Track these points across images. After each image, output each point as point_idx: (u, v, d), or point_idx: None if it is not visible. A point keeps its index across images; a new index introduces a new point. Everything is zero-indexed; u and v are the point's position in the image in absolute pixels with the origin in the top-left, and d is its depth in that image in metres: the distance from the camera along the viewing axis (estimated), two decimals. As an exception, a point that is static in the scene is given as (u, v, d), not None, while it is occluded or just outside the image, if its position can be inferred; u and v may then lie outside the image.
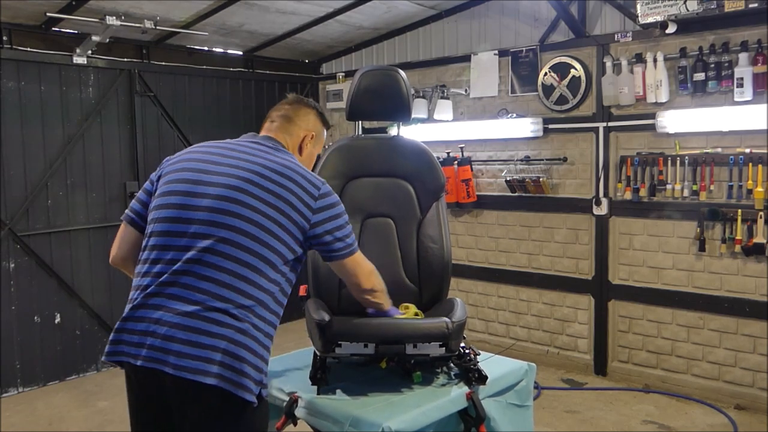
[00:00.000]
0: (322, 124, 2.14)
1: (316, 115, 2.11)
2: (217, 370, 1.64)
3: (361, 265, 2.00)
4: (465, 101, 5.19)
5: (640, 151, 4.28)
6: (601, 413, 3.98)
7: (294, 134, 2.04)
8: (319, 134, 2.12)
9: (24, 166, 4.52)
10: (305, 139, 2.06)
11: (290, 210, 1.78)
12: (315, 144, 2.11)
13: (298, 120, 2.05)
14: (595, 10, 4.51)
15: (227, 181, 1.78)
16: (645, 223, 4.32)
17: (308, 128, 2.07)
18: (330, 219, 1.86)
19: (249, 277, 1.71)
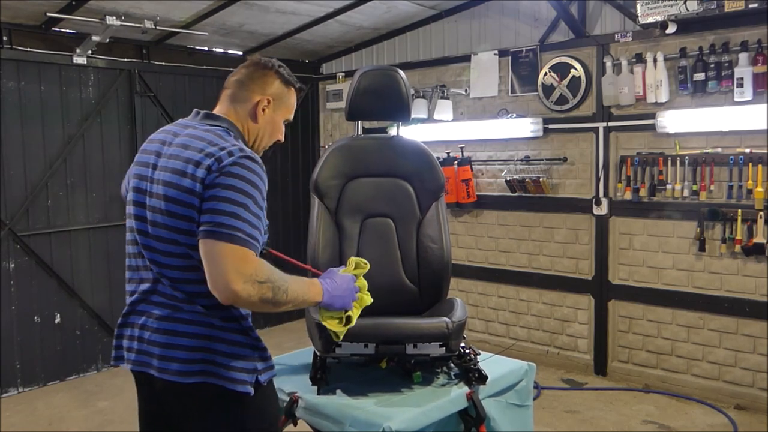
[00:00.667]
0: (284, 85, 1.87)
1: (274, 76, 1.86)
2: (199, 367, 1.65)
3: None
4: (465, 101, 5.19)
5: (640, 151, 4.28)
6: (601, 413, 3.98)
7: (246, 100, 1.82)
8: (281, 97, 1.86)
9: (24, 166, 4.52)
10: (259, 105, 1.82)
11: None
12: (276, 109, 1.86)
13: (252, 84, 1.83)
14: (595, 10, 4.51)
15: (156, 189, 1.69)
16: (645, 223, 4.32)
17: (264, 92, 1.83)
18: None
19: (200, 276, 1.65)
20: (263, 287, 1.56)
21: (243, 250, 1.56)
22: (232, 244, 1.56)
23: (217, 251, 1.56)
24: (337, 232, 2.55)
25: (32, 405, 4.30)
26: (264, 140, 1.88)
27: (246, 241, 1.57)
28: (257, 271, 1.56)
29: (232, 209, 1.58)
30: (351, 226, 2.56)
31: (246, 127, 1.83)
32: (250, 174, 1.63)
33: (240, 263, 1.55)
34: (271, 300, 1.59)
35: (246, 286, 1.54)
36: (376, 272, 2.47)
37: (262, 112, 1.83)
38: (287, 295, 1.62)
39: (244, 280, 1.54)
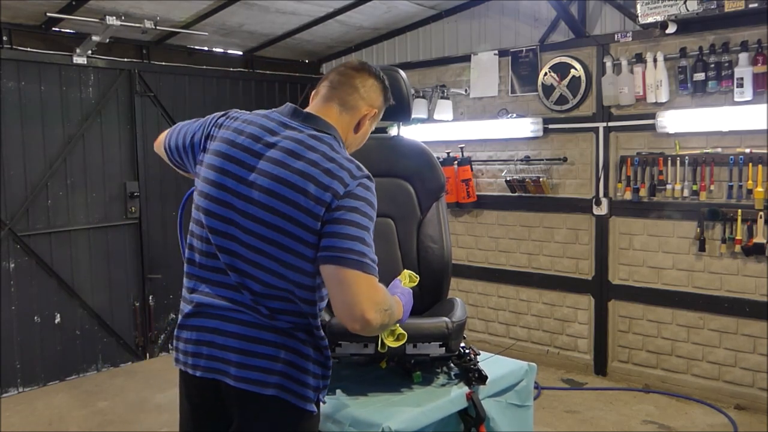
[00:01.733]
0: (385, 100, 1.82)
1: (381, 90, 1.79)
2: (277, 380, 1.60)
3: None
4: (465, 101, 5.19)
5: (640, 151, 4.28)
6: (601, 413, 3.98)
7: (355, 108, 1.73)
8: (380, 112, 1.83)
9: (24, 166, 4.52)
10: (366, 117, 1.76)
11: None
12: (373, 123, 1.82)
13: (364, 92, 1.74)
14: (595, 10, 4.51)
15: (258, 197, 1.58)
16: (645, 223, 4.32)
17: (372, 104, 1.76)
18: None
19: (289, 296, 1.64)
20: (385, 315, 1.57)
21: (372, 279, 1.54)
22: (363, 272, 1.52)
23: (349, 278, 1.51)
24: (337, 232, 2.55)
25: (32, 405, 4.30)
26: (352, 149, 1.79)
27: (373, 268, 1.55)
28: (384, 299, 1.58)
29: (359, 234, 1.54)
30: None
31: (346, 134, 1.74)
32: (372, 196, 1.60)
33: (372, 292, 1.53)
34: (386, 325, 1.62)
35: (377, 315, 1.53)
36: (376, 272, 2.48)
37: (364, 124, 1.78)
38: (391, 319, 1.64)
39: (376, 309, 1.52)
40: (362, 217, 1.56)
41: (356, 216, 1.55)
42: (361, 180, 1.59)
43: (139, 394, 4.44)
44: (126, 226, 5.07)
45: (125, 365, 5.09)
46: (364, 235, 1.54)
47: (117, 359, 5.06)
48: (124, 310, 5.09)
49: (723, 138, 3.94)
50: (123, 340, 5.08)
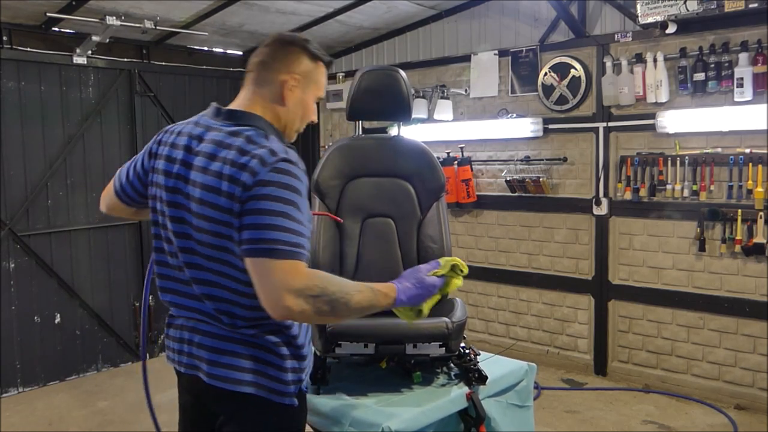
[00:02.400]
0: (311, 60, 1.69)
1: (300, 51, 1.68)
2: (251, 378, 1.59)
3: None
4: (465, 101, 5.19)
5: (640, 151, 4.28)
6: (601, 413, 3.98)
7: (271, 81, 1.66)
8: (309, 74, 1.70)
9: (24, 166, 4.52)
10: (285, 85, 1.65)
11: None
12: (305, 88, 1.69)
13: (276, 63, 1.66)
14: (595, 10, 4.51)
15: (195, 207, 1.58)
16: (645, 223, 4.32)
17: (290, 70, 1.66)
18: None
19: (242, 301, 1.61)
20: (318, 301, 1.46)
21: (290, 263, 1.46)
22: (277, 258, 1.45)
23: (264, 268, 1.46)
24: (337, 232, 2.55)
25: (32, 405, 4.30)
26: (296, 124, 1.73)
27: (291, 252, 1.46)
28: (309, 284, 1.46)
29: (272, 221, 1.47)
30: (351, 226, 2.56)
31: (275, 112, 1.67)
32: (288, 177, 1.51)
33: (289, 277, 1.45)
34: (330, 312, 1.50)
35: (298, 301, 1.44)
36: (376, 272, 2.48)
37: (290, 92, 1.66)
38: (349, 307, 1.52)
39: (296, 294, 1.44)
40: (274, 202, 1.48)
41: (267, 203, 1.48)
42: (274, 165, 1.50)
43: (139, 394, 4.44)
44: (126, 226, 5.07)
45: (125, 365, 5.09)
46: (279, 221, 1.47)
47: (117, 359, 5.06)
48: (124, 310, 5.09)
49: (723, 138, 3.94)
50: (123, 340, 5.08)
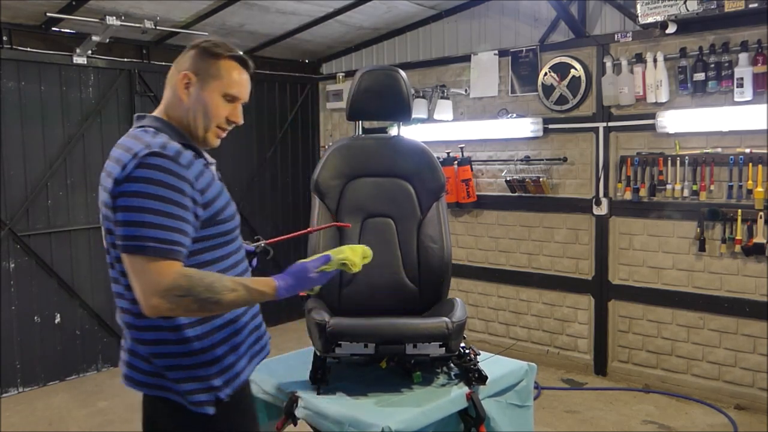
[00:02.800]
0: (208, 56, 1.65)
1: (193, 50, 1.67)
2: (155, 381, 1.60)
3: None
4: (465, 101, 5.19)
5: (640, 151, 4.28)
6: (601, 413, 3.98)
7: (171, 83, 1.68)
8: (207, 70, 1.65)
9: (24, 166, 4.52)
10: (179, 83, 1.64)
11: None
12: (203, 85, 1.65)
13: (176, 65, 1.69)
14: (595, 10, 4.51)
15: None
16: (645, 223, 4.32)
17: (182, 68, 1.66)
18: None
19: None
20: (184, 300, 1.46)
21: (155, 263, 1.45)
22: (142, 255, 1.45)
23: (133, 266, 1.47)
24: (337, 232, 2.55)
25: (32, 405, 4.30)
26: (199, 122, 1.66)
27: (158, 249, 1.45)
28: (174, 284, 1.45)
29: (138, 217, 1.46)
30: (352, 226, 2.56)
31: (177, 113, 1.67)
32: (155, 172, 1.48)
33: (153, 277, 1.44)
34: (198, 311, 1.51)
35: (162, 302, 1.45)
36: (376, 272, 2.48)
37: (185, 90, 1.64)
38: (221, 305, 1.52)
39: (159, 294, 1.44)
40: (142, 198, 1.46)
41: (135, 199, 1.46)
42: (142, 159, 1.49)
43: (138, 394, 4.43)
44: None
45: (125, 365, 5.09)
46: (145, 217, 1.45)
47: (117, 359, 5.03)
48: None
49: (723, 138, 3.94)
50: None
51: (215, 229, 1.62)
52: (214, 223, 1.61)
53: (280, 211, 6.17)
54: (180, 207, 1.50)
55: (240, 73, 1.69)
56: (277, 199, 6.15)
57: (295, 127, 6.20)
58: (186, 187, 1.52)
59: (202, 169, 1.60)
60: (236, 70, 1.68)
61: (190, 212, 1.53)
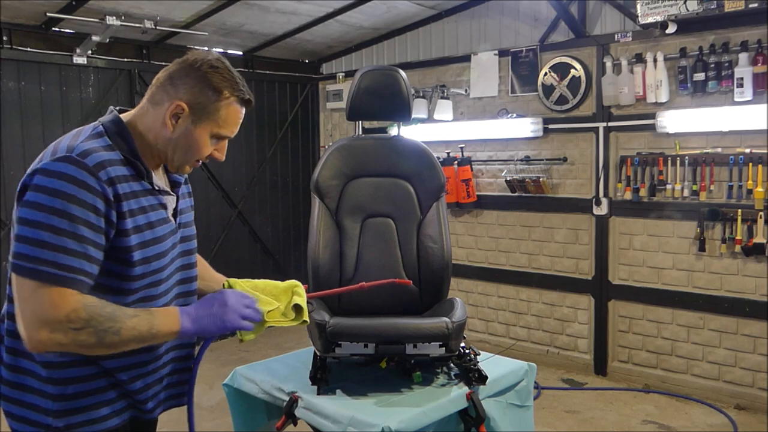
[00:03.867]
0: (210, 91, 1.44)
1: (197, 78, 1.44)
2: (6, 407, 1.46)
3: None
4: (465, 101, 5.19)
5: (640, 151, 4.28)
6: (601, 413, 3.98)
7: (161, 102, 1.45)
8: (204, 107, 1.45)
9: (24, 166, 4.48)
10: (168, 111, 1.44)
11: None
12: (195, 120, 1.45)
13: (171, 85, 1.45)
14: (595, 10, 4.51)
15: None
16: (645, 223, 4.32)
17: (180, 96, 1.43)
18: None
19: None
20: (81, 333, 1.27)
21: (48, 291, 1.25)
22: (36, 281, 1.25)
23: (20, 290, 1.27)
24: (337, 232, 2.55)
25: (32, 405, 4.29)
26: (177, 155, 1.49)
27: (55, 276, 1.25)
28: (71, 316, 1.26)
29: (35, 234, 1.25)
30: (351, 226, 2.56)
31: (156, 134, 1.46)
32: (63, 183, 1.27)
33: (46, 307, 1.25)
34: (97, 345, 1.30)
35: (54, 336, 1.26)
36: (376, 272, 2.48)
37: (171, 119, 1.44)
38: (121, 336, 1.32)
39: (51, 328, 1.25)
40: (42, 212, 1.26)
41: (34, 212, 1.27)
42: (45, 165, 1.30)
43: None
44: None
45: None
46: (43, 236, 1.25)
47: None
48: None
49: (723, 138, 3.94)
50: (123, 340, 5.07)
51: (119, 269, 1.38)
52: (120, 261, 1.37)
53: (280, 211, 6.17)
54: (88, 227, 1.29)
55: (238, 113, 1.51)
56: (277, 199, 6.15)
57: (295, 127, 6.21)
58: (99, 203, 1.31)
59: (135, 191, 1.40)
60: (236, 110, 1.51)
61: (101, 234, 1.32)
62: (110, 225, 1.33)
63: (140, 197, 1.42)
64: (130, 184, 1.39)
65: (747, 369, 3.96)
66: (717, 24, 3.89)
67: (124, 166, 1.39)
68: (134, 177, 1.41)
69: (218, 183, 5.67)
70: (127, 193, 1.38)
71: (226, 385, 2.36)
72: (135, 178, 1.41)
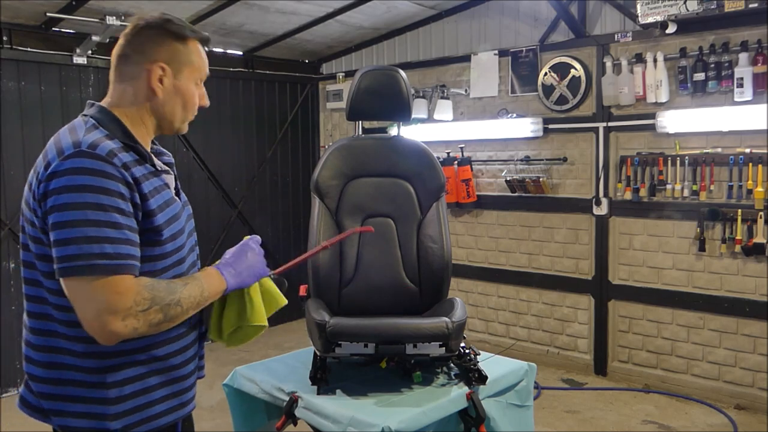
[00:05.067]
0: (176, 40, 1.47)
1: (160, 34, 1.45)
2: (49, 405, 1.56)
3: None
4: (465, 101, 5.19)
5: (640, 151, 4.28)
6: (601, 413, 3.98)
7: (135, 76, 1.46)
8: (178, 57, 1.48)
9: (24, 166, 4.52)
10: (152, 76, 1.45)
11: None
12: (177, 73, 1.48)
13: (136, 54, 1.45)
14: (595, 10, 4.51)
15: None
16: (645, 223, 4.32)
17: (152, 58, 1.44)
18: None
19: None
20: (149, 313, 1.31)
21: (111, 282, 1.27)
22: (92, 276, 1.26)
23: (77, 291, 1.29)
24: (337, 232, 2.55)
25: (32, 405, 4.29)
26: (177, 114, 1.53)
27: (110, 266, 1.28)
28: (136, 299, 1.30)
29: (75, 233, 1.26)
30: (351, 225, 2.56)
31: (148, 108, 1.48)
32: (82, 177, 1.29)
33: (111, 298, 1.27)
34: (164, 320, 1.35)
35: (127, 322, 1.29)
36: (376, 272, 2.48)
37: (159, 84, 1.46)
38: (182, 306, 1.38)
39: (123, 316, 1.28)
40: (78, 210, 1.27)
41: (63, 214, 1.28)
42: (70, 162, 1.30)
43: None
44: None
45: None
46: (81, 232, 1.27)
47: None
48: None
49: (723, 138, 3.94)
50: (123, 340, 5.07)
51: (148, 251, 1.40)
52: (152, 243, 1.40)
53: (280, 211, 6.17)
54: (120, 213, 1.31)
55: (203, 52, 1.56)
56: (277, 199, 6.14)
57: (295, 127, 6.20)
58: (123, 189, 1.33)
59: (145, 174, 1.42)
60: (201, 52, 1.55)
61: (132, 218, 1.34)
62: (137, 208, 1.36)
63: (150, 179, 1.44)
64: (137, 168, 1.40)
65: (747, 369, 3.96)
66: (717, 24, 3.89)
67: (126, 152, 1.40)
68: (138, 161, 1.42)
69: (218, 183, 5.67)
70: (140, 177, 1.40)
71: (226, 385, 2.36)
72: (139, 162, 1.43)
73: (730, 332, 4.01)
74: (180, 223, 1.50)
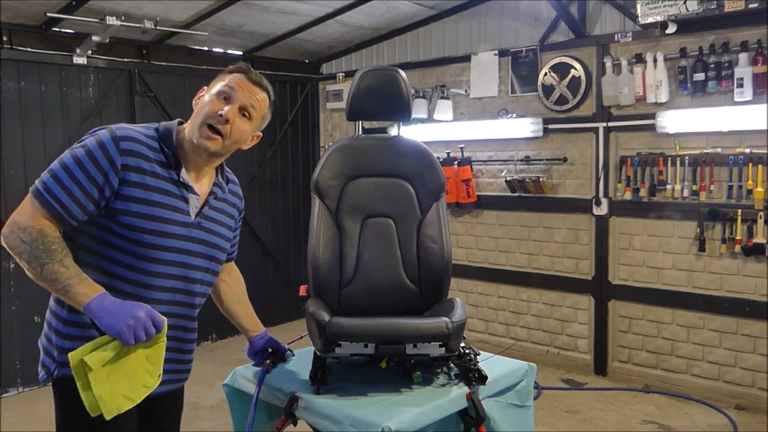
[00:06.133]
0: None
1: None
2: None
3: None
4: (465, 101, 5.19)
5: (640, 151, 4.29)
6: (601, 413, 3.98)
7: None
8: (214, 84, 1.86)
9: (24, 166, 4.52)
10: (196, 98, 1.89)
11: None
12: (208, 92, 1.85)
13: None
14: (595, 10, 4.51)
15: None
16: (645, 223, 4.32)
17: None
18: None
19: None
20: (21, 246, 1.54)
21: (31, 203, 1.59)
22: (30, 194, 1.61)
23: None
24: (337, 232, 2.55)
25: (32, 405, 4.29)
26: (196, 119, 1.79)
27: (38, 192, 1.58)
28: (29, 228, 1.54)
29: (53, 165, 1.61)
30: (351, 226, 2.56)
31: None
32: (90, 139, 1.64)
33: (21, 212, 1.58)
34: (25, 263, 1.55)
35: (7, 234, 1.55)
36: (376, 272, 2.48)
37: (195, 103, 1.84)
38: (42, 271, 1.53)
39: (11, 228, 1.55)
40: (68, 158, 1.60)
41: (64, 156, 1.62)
42: (100, 129, 1.70)
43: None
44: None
45: (125, 365, 5.08)
46: (53, 165, 1.60)
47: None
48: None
49: (723, 138, 3.94)
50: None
51: (118, 229, 1.63)
52: (117, 224, 1.63)
53: (280, 211, 6.16)
54: (86, 175, 1.58)
55: (227, 74, 1.85)
56: (277, 199, 6.14)
57: (295, 127, 6.21)
58: (104, 162, 1.59)
59: (154, 172, 1.66)
60: (226, 74, 1.87)
61: (94, 187, 1.58)
62: (109, 185, 1.59)
63: (160, 179, 1.67)
64: (152, 165, 1.65)
65: (747, 369, 3.96)
66: (717, 24, 3.89)
67: (152, 151, 1.67)
68: (164, 164, 1.68)
69: (218, 183, 5.67)
70: (143, 169, 1.64)
71: (226, 385, 2.36)
72: (164, 165, 1.68)
73: (730, 332, 4.01)
74: (162, 227, 1.67)
